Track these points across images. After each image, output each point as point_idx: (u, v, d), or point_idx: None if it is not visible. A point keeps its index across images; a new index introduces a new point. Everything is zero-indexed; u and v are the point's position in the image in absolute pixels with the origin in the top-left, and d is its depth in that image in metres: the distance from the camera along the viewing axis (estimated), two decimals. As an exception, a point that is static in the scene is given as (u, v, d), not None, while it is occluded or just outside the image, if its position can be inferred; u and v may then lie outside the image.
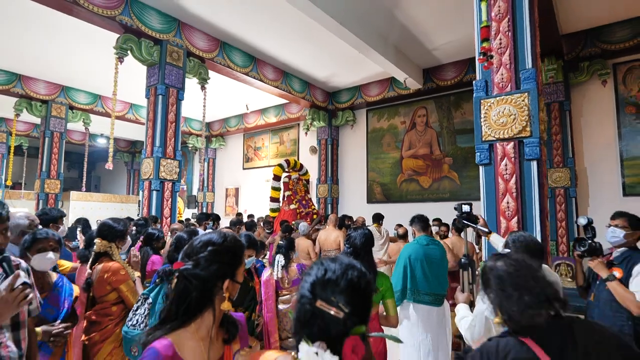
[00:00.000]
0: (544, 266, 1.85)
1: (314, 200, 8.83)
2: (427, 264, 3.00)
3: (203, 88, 6.64)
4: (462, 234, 3.98)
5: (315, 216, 6.48)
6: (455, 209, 3.05)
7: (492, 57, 2.71)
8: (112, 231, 2.51)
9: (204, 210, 12.17)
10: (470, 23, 3.19)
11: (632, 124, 6.14)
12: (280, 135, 10.95)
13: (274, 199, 7.05)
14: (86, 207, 13.97)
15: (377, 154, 9.00)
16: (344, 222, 5.27)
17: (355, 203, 9.16)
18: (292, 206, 6.59)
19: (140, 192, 5.80)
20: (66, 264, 2.95)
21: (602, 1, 5.55)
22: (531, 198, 2.64)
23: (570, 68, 6.41)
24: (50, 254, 2.11)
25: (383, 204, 8.60)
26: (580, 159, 6.51)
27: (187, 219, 7.73)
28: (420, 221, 3.30)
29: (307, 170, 7.63)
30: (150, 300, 2.26)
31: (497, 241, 2.46)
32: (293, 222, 5.77)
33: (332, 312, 0.76)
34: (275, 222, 6.32)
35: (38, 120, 10.64)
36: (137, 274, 2.71)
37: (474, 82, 2.89)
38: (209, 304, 1.06)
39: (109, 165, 5.49)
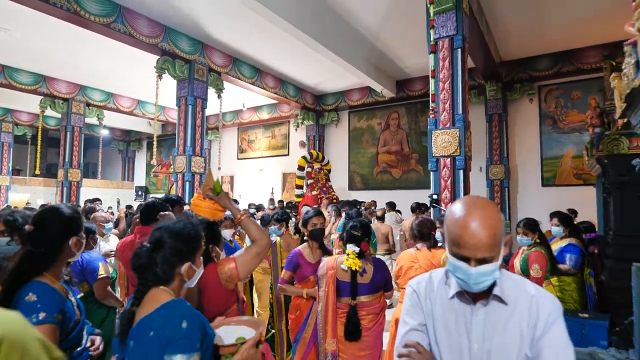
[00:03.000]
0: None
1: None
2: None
3: (219, 97, 8.11)
4: (431, 212, 5.82)
5: (334, 200, 7.99)
6: (429, 197, 4.88)
7: (437, 112, 4.47)
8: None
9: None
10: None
11: (550, 132, 8.18)
12: (272, 130, 12.50)
13: (298, 187, 8.49)
14: (86, 193, 15.04)
15: (357, 149, 10.77)
16: (355, 205, 6.63)
17: (338, 190, 10.90)
18: (314, 192, 8.08)
19: (175, 184, 7.27)
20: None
21: (530, 39, 7.39)
22: (459, 192, 4.45)
23: (507, 88, 8.34)
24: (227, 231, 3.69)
25: (362, 191, 10.41)
26: (512, 157, 8.52)
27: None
28: (353, 205, 5.16)
29: (328, 161, 9.02)
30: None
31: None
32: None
33: (356, 233, 2.49)
34: (299, 206, 7.80)
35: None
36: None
37: (428, 119, 4.66)
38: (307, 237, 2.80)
39: (153, 161, 6.95)
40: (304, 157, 8.60)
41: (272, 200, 9.97)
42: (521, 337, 1.05)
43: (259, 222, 4.21)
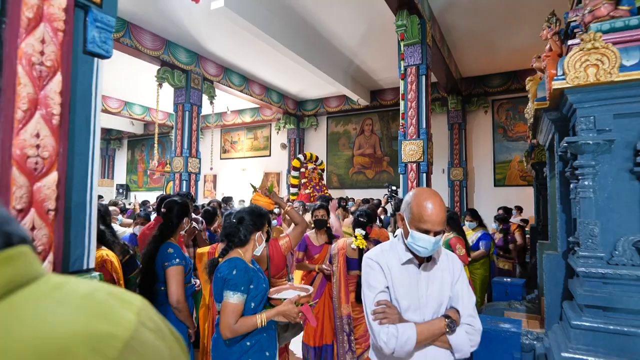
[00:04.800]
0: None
1: (285, 185, 11.39)
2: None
3: (212, 103, 8.89)
4: (390, 202, 6.83)
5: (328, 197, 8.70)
6: (387, 188, 5.88)
7: (405, 126, 5.54)
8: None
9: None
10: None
11: (501, 140, 9.50)
12: (255, 132, 13.31)
13: (293, 185, 9.16)
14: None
15: (335, 151, 11.79)
16: (340, 203, 7.51)
17: (317, 189, 11.88)
18: (307, 191, 8.85)
19: (172, 182, 8.00)
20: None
21: (485, 61, 8.64)
22: (423, 190, 5.53)
23: (466, 101, 9.59)
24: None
25: (339, 190, 11.43)
26: (470, 161, 9.78)
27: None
28: (324, 200, 6.12)
29: (322, 161, 9.69)
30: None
31: None
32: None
33: (363, 220, 3.46)
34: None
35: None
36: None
37: (399, 132, 5.71)
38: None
39: (154, 162, 7.66)
40: (298, 158, 9.23)
41: (242, 201, 10.70)
42: (446, 283, 1.50)
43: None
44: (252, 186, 2.97)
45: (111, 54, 1.29)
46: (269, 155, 12.98)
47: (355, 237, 3.25)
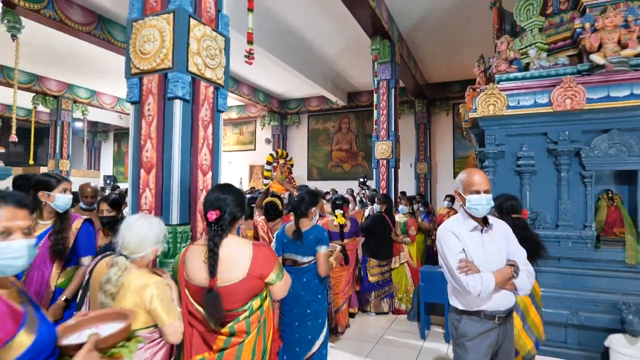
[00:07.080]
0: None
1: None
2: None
3: (206, 103, 9.86)
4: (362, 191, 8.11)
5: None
6: (359, 180, 7.17)
7: (378, 130, 6.82)
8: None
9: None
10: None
11: (460, 139, 10.97)
12: (240, 128, 14.31)
13: (266, 178, 10.36)
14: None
15: (315, 146, 12.99)
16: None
17: (299, 180, 13.04)
18: None
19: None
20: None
21: (446, 70, 10.02)
22: (392, 182, 6.83)
23: (430, 104, 11.00)
24: None
25: (318, 181, 12.65)
26: (434, 157, 11.23)
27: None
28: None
29: (291, 157, 10.97)
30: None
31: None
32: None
33: (340, 202, 4.69)
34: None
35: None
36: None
37: (373, 135, 6.99)
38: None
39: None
40: (271, 155, 10.45)
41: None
42: (502, 242, 1.93)
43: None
44: (269, 178, 4.15)
45: (226, 109, 2.47)
46: (254, 150, 14.02)
47: (336, 216, 4.31)
